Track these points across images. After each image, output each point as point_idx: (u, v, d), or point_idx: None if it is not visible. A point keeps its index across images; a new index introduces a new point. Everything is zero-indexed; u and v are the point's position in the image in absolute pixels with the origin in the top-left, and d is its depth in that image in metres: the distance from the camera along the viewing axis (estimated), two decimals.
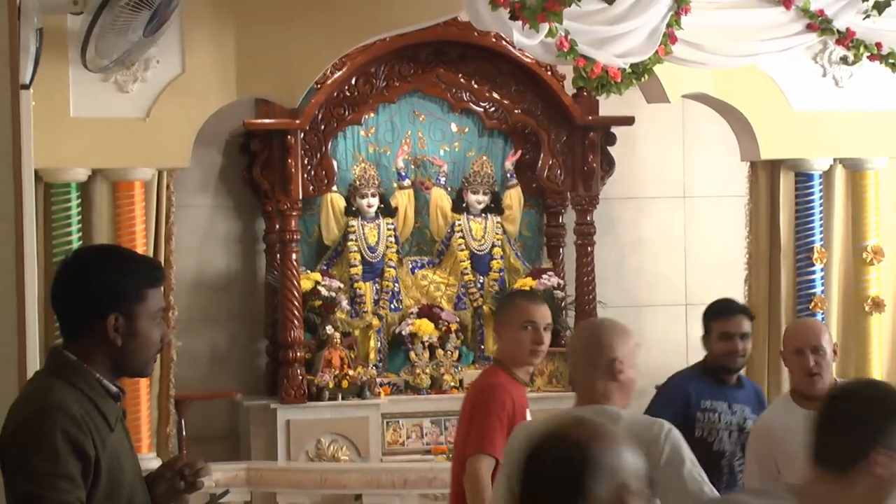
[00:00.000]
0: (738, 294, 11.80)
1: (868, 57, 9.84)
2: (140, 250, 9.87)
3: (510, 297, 8.07)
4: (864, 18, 9.59)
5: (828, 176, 11.42)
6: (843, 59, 10.36)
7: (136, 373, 4.65)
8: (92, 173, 10.20)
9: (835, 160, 11.35)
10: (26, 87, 5.50)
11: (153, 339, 4.55)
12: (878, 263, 11.37)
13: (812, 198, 11.37)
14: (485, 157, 11.94)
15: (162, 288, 4.80)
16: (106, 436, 4.37)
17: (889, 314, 11.29)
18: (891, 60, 9.85)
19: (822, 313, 11.27)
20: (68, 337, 4.49)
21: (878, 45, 9.76)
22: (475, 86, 11.63)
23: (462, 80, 11.60)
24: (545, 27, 7.90)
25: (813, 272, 11.30)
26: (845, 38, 9.69)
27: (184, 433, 10.68)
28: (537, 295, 8.11)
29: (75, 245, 9.96)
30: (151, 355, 4.60)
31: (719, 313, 8.02)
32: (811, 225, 11.35)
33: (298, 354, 10.79)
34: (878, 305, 11.21)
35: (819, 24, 9.52)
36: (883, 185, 11.48)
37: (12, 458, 4.31)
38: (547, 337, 7.27)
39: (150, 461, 9.89)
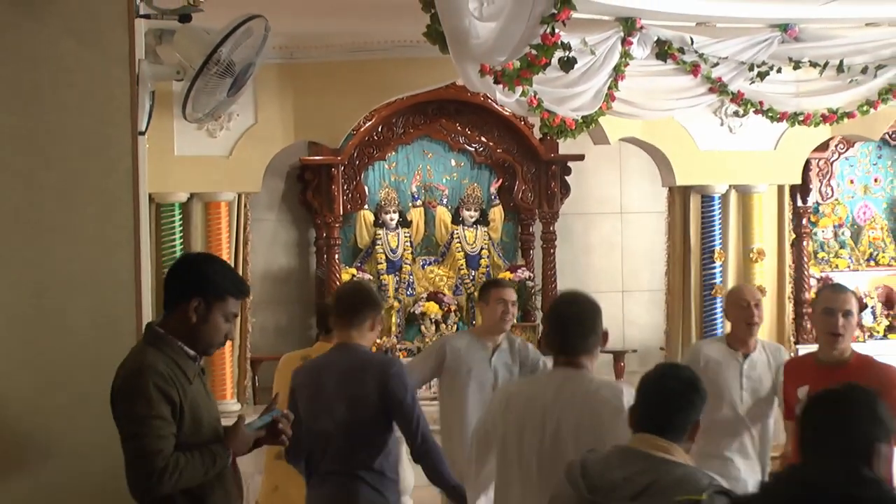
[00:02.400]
0: (660, 284, 11.90)
1: (753, 111, 9.82)
2: (224, 254, 10.08)
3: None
4: (750, 84, 9.57)
5: (724, 198, 11.41)
6: (735, 113, 10.36)
7: (201, 351, 4.59)
8: (190, 196, 10.31)
9: (730, 186, 11.35)
10: (142, 133, 5.53)
11: (219, 332, 4.57)
12: (760, 261, 11.41)
13: (713, 213, 11.39)
14: (475, 184, 12.03)
15: (241, 302, 4.85)
16: (186, 387, 4.43)
17: (768, 298, 11.30)
18: (769, 114, 9.85)
19: (721, 298, 11.32)
20: (165, 314, 4.57)
21: (761, 102, 9.72)
22: (468, 132, 11.73)
23: (458, 127, 11.71)
24: (520, 89, 7.85)
25: (714, 267, 11.31)
26: (737, 97, 9.64)
27: (256, 385, 10.77)
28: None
29: (178, 249, 10.07)
30: (215, 343, 4.61)
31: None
32: (712, 233, 11.35)
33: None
34: (761, 292, 11.24)
35: (718, 87, 9.45)
36: (765, 204, 11.52)
37: (120, 405, 4.38)
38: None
39: (232, 405, 10.08)
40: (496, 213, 12.06)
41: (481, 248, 11.98)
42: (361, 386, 5.93)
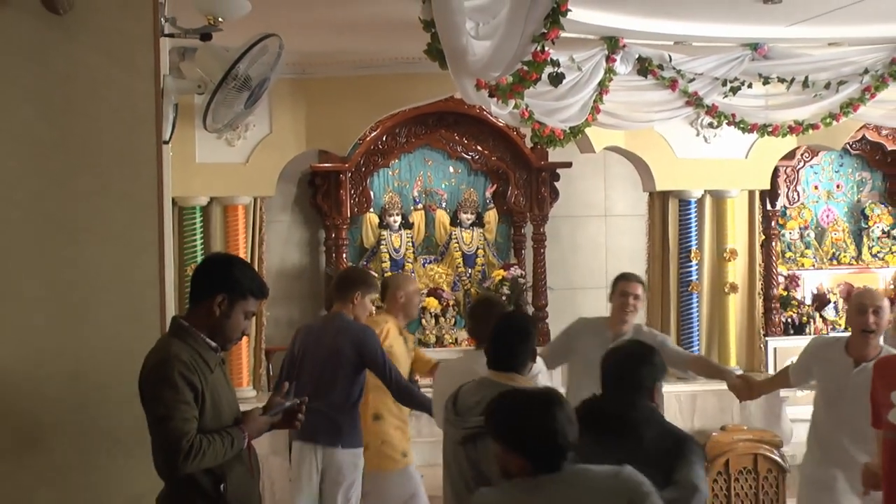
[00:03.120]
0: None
1: (726, 123, 9.83)
2: (242, 252, 10.11)
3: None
4: (723, 98, 9.57)
5: (700, 202, 11.41)
6: (710, 124, 10.36)
7: (220, 344, 4.65)
8: (210, 200, 10.29)
9: (705, 191, 11.36)
10: (166, 142, 5.56)
11: (239, 328, 4.64)
12: (733, 260, 11.40)
13: (690, 216, 11.38)
14: (472, 189, 12.01)
15: (260, 303, 4.93)
16: (208, 375, 4.49)
17: (740, 294, 11.31)
18: (741, 125, 9.86)
19: (697, 293, 11.32)
20: (190, 308, 4.62)
21: (733, 115, 9.73)
22: (465, 141, 11.71)
23: (456, 137, 11.69)
24: (512, 102, 7.84)
25: (690, 266, 11.30)
26: (711, 110, 9.65)
27: (270, 374, 10.76)
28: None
29: (199, 248, 10.09)
30: (234, 338, 4.68)
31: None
32: (689, 234, 11.34)
33: None
34: (733, 288, 11.23)
35: (694, 101, 9.45)
36: (737, 208, 11.52)
37: (148, 391, 4.43)
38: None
39: (248, 392, 10.10)
40: (491, 216, 12.04)
41: (477, 248, 11.97)
42: (336, 343, 7.35)
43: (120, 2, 5.17)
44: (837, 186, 12.66)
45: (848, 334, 6.67)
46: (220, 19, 5.96)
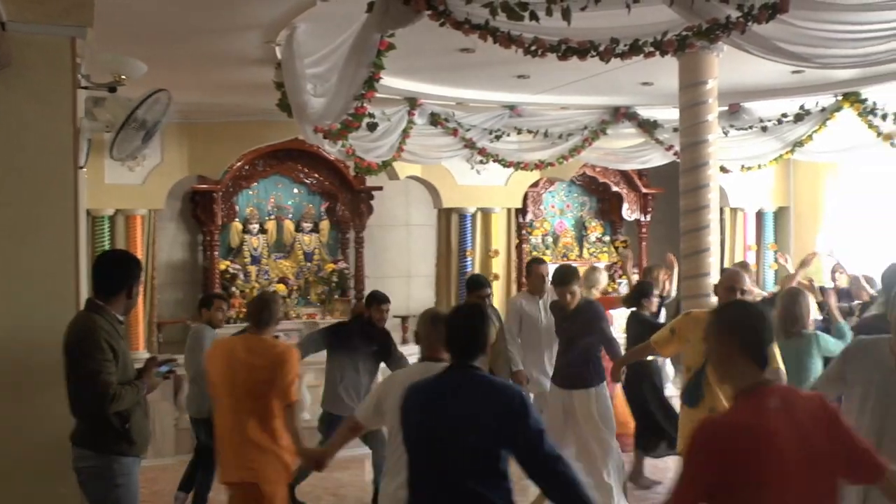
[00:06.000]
0: (432, 272, 11.99)
1: (492, 160, 9.81)
2: (139, 250, 9.91)
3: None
4: (490, 143, 9.67)
5: (474, 216, 11.52)
6: (481, 161, 9.98)
7: (129, 312, 4.72)
8: (115, 211, 9.98)
9: (477, 209, 11.53)
10: (82, 167, 5.38)
11: (137, 301, 4.67)
12: (496, 258, 11.57)
13: (466, 226, 11.51)
14: (310, 205, 11.83)
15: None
16: (119, 341, 4.44)
17: (501, 282, 11.48)
18: (502, 162, 9.85)
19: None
20: (105, 294, 4.48)
21: (497, 155, 9.81)
22: (306, 170, 11.57)
23: (300, 167, 11.52)
24: (340, 142, 7.83)
25: (467, 261, 11.39)
26: (482, 151, 9.66)
27: (161, 340, 10.48)
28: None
29: (107, 247, 9.77)
30: (134, 307, 4.73)
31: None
32: (465, 239, 11.43)
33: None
34: (496, 277, 11.32)
35: (470, 144, 9.51)
36: (499, 220, 11.69)
37: (78, 352, 4.34)
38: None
39: (143, 354, 9.75)
40: (324, 225, 11.91)
41: (314, 248, 11.84)
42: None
43: (47, 61, 5.03)
44: (567, 206, 12.97)
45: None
46: (123, 77, 5.81)
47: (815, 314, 6.57)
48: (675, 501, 2.83)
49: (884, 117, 9.12)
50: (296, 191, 11.89)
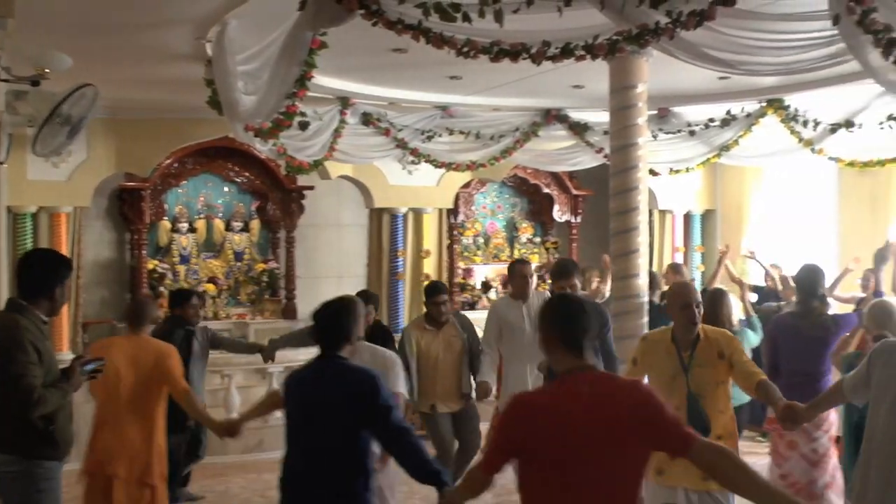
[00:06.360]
0: (364, 272, 11.94)
1: (424, 161, 9.80)
2: (64, 249, 9.67)
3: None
4: (422, 143, 9.67)
5: (405, 216, 11.58)
6: (413, 161, 9.99)
7: (55, 314, 4.55)
8: (38, 209, 9.76)
9: (409, 209, 11.56)
10: (2, 163, 5.24)
11: (63, 304, 4.56)
12: (427, 258, 11.59)
13: (398, 226, 11.54)
14: (241, 204, 11.70)
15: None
16: (44, 341, 4.34)
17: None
18: (434, 163, 9.88)
19: (402, 280, 11.45)
20: (29, 294, 4.38)
21: (429, 155, 9.78)
22: (237, 169, 11.44)
23: (230, 165, 11.39)
24: (272, 141, 7.76)
25: (398, 261, 11.42)
26: (414, 151, 9.66)
27: (86, 341, 10.24)
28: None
29: (30, 245, 9.53)
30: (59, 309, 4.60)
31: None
32: (397, 239, 11.50)
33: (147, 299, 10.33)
34: (427, 277, 11.34)
35: (402, 145, 9.50)
36: (431, 221, 11.74)
37: (2, 353, 4.21)
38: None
39: (67, 355, 9.49)
40: (255, 224, 11.79)
41: (245, 248, 11.71)
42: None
43: None
44: (498, 207, 13.04)
45: None
46: (46, 70, 5.66)
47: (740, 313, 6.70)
48: (485, 463, 3.27)
49: (805, 124, 9.34)
50: (226, 189, 11.74)
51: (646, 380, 4.73)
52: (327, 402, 4.01)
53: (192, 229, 11.48)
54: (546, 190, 12.62)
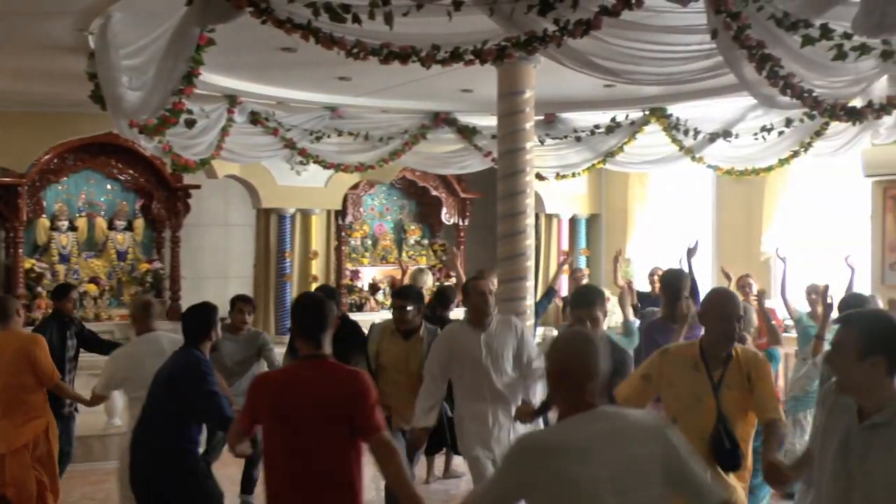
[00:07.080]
0: (251, 272, 11.78)
1: (312, 161, 9.78)
2: None
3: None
4: (311, 143, 9.63)
5: (293, 217, 11.51)
6: (301, 162, 9.96)
7: None
8: None
9: (297, 209, 11.47)
10: None
11: None
12: (315, 259, 11.53)
13: (286, 227, 11.49)
14: (124, 202, 11.34)
15: None
16: None
17: (321, 282, 11.42)
18: (322, 163, 9.88)
19: (290, 282, 11.33)
20: None
21: (317, 156, 9.78)
22: (120, 166, 11.09)
23: (113, 162, 11.05)
24: (157, 138, 7.60)
25: (286, 262, 11.36)
26: (302, 152, 9.64)
27: None
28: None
29: None
30: None
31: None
32: (285, 239, 11.44)
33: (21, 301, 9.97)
34: (315, 278, 11.32)
35: (290, 145, 9.48)
36: (319, 222, 11.68)
37: None
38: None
39: None
40: (139, 223, 11.45)
41: (128, 247, 11.36)
42: None
43: None
44: (387, 209, 13.06)
45: None
46: None
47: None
48: (235, 425, 4.02)
49: (686, 132, 9.65)
50: (109, 187, 11.39)
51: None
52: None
53: (72, 227, 11.09)
54: (434, 192, 12.69)
